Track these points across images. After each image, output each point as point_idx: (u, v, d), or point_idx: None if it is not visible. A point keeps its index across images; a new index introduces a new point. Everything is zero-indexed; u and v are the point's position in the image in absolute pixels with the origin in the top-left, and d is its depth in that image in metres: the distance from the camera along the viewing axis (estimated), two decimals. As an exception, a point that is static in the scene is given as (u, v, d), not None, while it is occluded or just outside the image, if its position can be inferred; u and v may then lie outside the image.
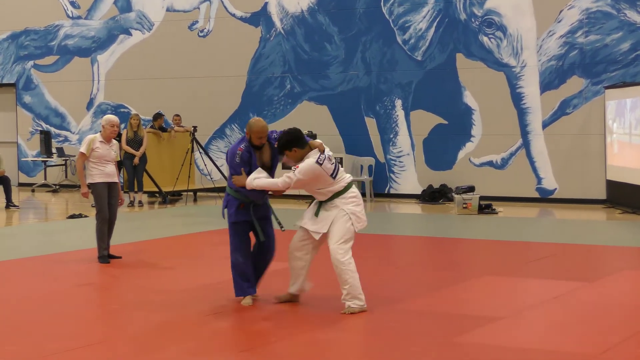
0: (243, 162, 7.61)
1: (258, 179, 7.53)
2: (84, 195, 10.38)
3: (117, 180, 10.39)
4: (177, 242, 12.25)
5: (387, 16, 18.35)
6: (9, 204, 16.64)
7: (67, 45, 21.62)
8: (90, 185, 10.24)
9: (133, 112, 19.09)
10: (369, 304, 7.67)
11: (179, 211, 16.29)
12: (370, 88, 18.57)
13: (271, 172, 7.81)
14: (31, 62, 22.08)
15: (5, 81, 22.47)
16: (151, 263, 10.24)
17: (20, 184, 21.80)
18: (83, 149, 10.21)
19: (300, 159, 7.47)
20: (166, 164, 18.09)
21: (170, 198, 17.91)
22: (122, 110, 20.57)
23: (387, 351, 6.37)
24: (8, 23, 22.21)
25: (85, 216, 14.91)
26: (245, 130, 7.82)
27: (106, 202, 10.22)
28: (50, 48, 21.83)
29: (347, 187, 7.55)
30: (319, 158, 7.40)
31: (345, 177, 7.59)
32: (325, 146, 7.61)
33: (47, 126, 21.80)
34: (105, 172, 10.23)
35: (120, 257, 10.37)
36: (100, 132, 10.45)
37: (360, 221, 7.55)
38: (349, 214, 7.47)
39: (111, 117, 10.43)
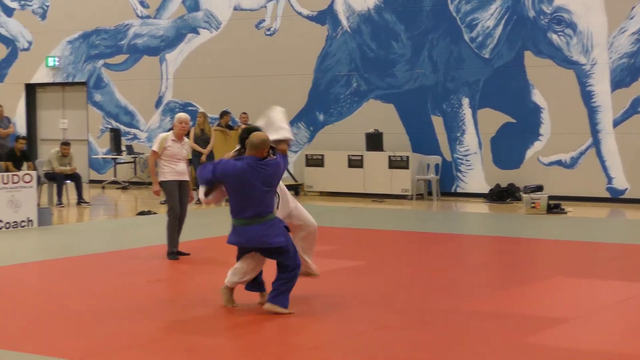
0: None
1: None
2: (156, 193, 10.53)
3: (187, 179, 10.51)
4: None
5: (454, 14, 18.22)
6: (80, 200, 16.96)
7: (137, 44, 21.93)
8: (161, 183, 10.38)
9: (200, 110, 19.28)
10: (437, 303, 7.61)
11: (245, 209, 16.37)
12: (437, 86, 18.47)
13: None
14: (102, 61, 22.44)
15: (76, 80, 22.88)
16: (219, 260, 10.31)
17: (91, 181, 22.17)
18: (155, 147, 10.34)
19: None
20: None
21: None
22: (190, 108, 20.77)
23: (454, 351, 6.33)
24: (79, 23, 22.61)
25: (154, 213, 15.10)
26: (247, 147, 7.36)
27: (177, 199, 10.35)
28: (120, 47, 22.16)
29: None
30: None
31: None
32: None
33: (117, 124, 22.13)
34: (177, 170, 10.35)
35: (188, 254, 10.47)
36: (172, 130, 10.58)
37: None
38: None
39: (180, 115, 10.55)
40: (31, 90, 23.72)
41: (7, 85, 23.68)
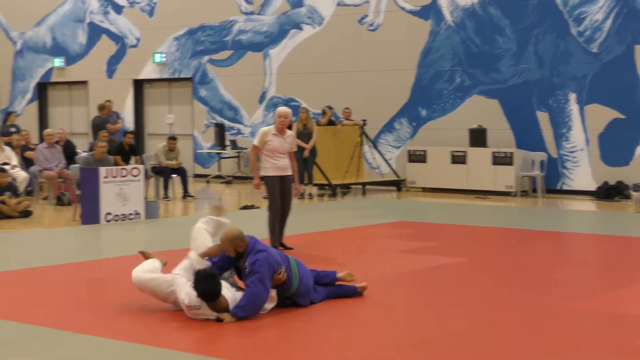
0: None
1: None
2: (256, 186, 10.62)
3: (290, 173, 10.52)
4: (346, 235, 12.34)
5: (561, 7, 17.85)
6: (186, 194, 17.28)
7: (241, 40, 22.20)
8: (262, 178, 10.46)
9: (302, 105, 19.41)
10: (540, 301, 7.46)
11: (348, 204, 16.43)
12: (542, 81, 18.13)
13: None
14: (207, 57, 22.80)
15: (182, 75, 23.31)
16: (322, 256, 10.33)
17: (196, 175, 22.56)
18: (256, 141, 10.42)
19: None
20: (335, 157, 18.27)
21: (339, 191, 18.10)
22: (292, 103, 20.92)
23: (560, 351, 6.20)
24: (185, 20, 23.03)
25: (257, 207, 15.26)
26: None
27: (278, 194, 10.41)
28: (225, 43, 22.48)
29: None
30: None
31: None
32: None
33: (221, 119, 22.46)
34: (278, 165, 10.38)
35: (291, 249, 10.51)
36: (274, 124, 10.64)
37: None
38: None
39: (280, 109, 10.55)
40: (139, 85, 24.30)
41: (116, 81, 24.32)
